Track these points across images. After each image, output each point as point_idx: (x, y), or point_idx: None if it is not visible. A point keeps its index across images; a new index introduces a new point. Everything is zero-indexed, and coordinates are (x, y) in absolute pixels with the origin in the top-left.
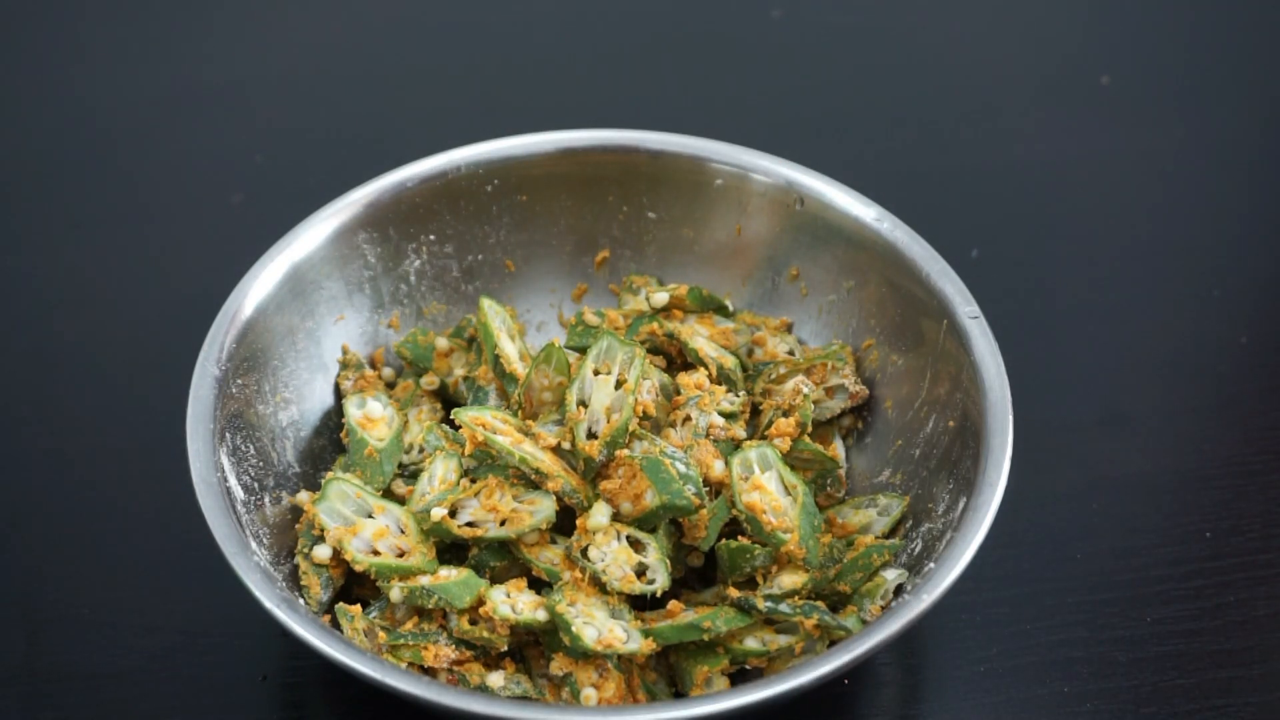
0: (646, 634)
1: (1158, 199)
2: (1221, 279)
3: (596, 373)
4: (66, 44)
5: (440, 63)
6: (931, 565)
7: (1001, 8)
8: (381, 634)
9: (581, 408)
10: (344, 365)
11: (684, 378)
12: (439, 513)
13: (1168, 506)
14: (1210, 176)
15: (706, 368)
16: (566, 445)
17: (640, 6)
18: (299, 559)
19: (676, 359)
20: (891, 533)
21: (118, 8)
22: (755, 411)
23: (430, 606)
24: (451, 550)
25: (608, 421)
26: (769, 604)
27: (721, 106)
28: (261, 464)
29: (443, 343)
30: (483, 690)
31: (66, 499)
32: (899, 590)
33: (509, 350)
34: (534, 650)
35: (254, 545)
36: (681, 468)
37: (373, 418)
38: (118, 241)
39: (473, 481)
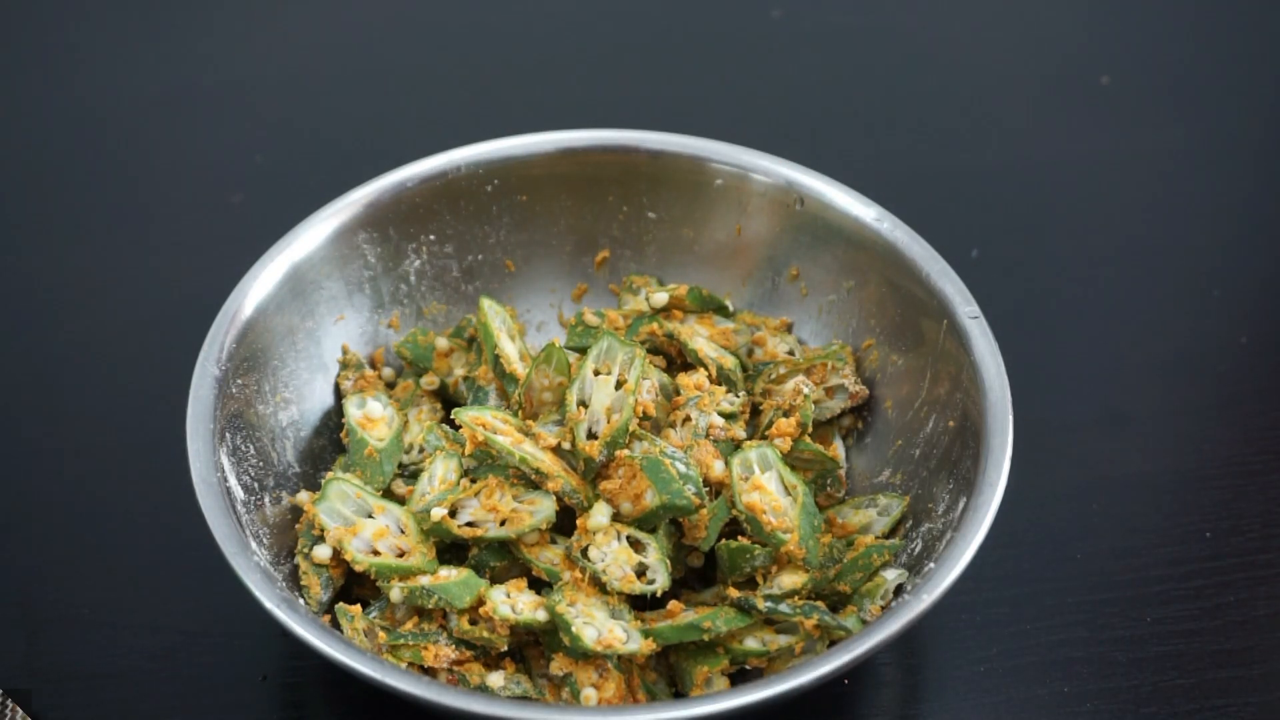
0: (646, 634)
1: (1157, 199)
2: (1221, 279)
3: (596, 373)
4: (66, 44)
5: (440, 63)
6: (931, 565)
7: (1001, 8)
8: (381, 634)
9: (582, 408)
10: (344, 365)
11: (684, 378)
12: (439, 513)
13: (1168, 506)
14: (1210, 176)
15: (706, 368)
16: (566, 445)
17: (640, 6)
18: (299, 559)
19: (676, 359)
20: (891, 533)
21: (118, 8)
22: (755, 411)
23: (430, 606)
24: (451, 550)
25: (608, 422)
26: (769, 604)
27: (721, 106)
28: (261, 464)
29: (443, 343)
30: (483, 690)
31: (66, 499)
32: (899, 590)
33: (509, 350)
34: (534, 650)
35: (254, 545)
36: (681, 468)
37: (373, 418)
38: (118, 241)
39: (473, 481)
